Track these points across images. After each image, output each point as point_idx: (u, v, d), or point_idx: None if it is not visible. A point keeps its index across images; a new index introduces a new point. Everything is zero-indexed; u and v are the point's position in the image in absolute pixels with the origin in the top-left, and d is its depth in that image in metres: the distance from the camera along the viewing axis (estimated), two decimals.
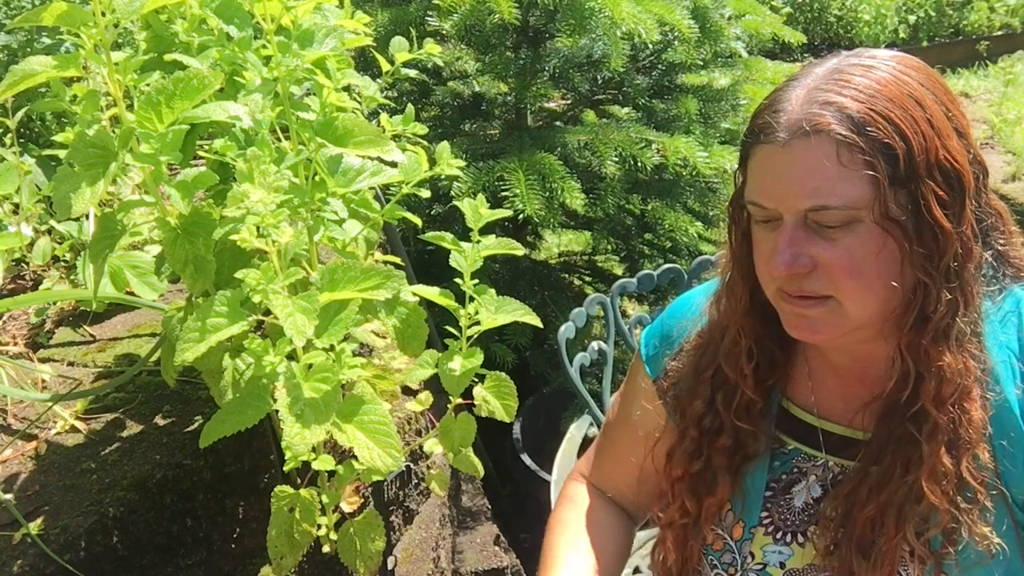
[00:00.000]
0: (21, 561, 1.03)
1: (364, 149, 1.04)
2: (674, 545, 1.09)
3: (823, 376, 1.03)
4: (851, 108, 0.85)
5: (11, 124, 1.63)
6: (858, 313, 0.90)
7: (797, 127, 0.86)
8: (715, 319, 1.06)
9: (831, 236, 0.87)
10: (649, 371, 1.16)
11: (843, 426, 1.01)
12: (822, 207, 0.85)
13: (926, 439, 0.90)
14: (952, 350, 0.89)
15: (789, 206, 0.87)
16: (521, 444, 2.56)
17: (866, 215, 0.85)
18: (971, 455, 0.89)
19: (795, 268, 0.88)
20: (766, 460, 1.05)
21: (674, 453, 1.08)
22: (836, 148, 0.84)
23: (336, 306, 0.99)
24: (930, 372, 0.89)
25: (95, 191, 0.96)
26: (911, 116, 0.85)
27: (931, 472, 0.89)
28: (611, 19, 2.25)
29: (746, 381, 1.02)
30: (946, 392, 0.89)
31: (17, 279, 1.64)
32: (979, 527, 0.89)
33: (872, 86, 0.86)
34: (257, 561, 1.27)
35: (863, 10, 7.39)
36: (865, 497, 0.93)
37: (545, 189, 2.22)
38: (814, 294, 0.89)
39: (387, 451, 0.99)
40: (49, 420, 1.28)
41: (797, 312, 0.92)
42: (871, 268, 0.87)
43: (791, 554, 1.01)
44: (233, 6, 1.07)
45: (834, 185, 0.84)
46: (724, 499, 1.05)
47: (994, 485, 0.90)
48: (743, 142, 0.94)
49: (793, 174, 0.86)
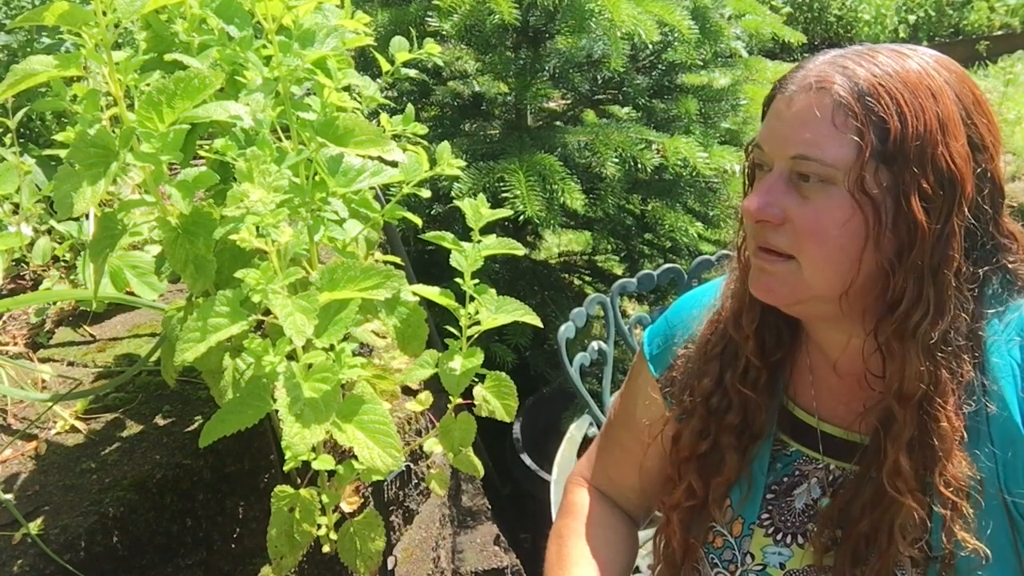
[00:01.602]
0: (21, 561, 1.03)
1: (364, 149, 1.04)
2: (679, 528, 1.08)
3: (824, 375, 1.03)
4: (861, 77, 0.88)
5: (11, 124, 1.63)
6: (815, 280, 0.91)
7: (807, 82, 0.90)
8: (729, 294, 1.07)
9: (806, 193, 0.89)
10: (653, 369, 1.16)
11: (843, 429, 1.01)
12: (803, 156, 0.88)
13: (890, 438, 0.91)
14: (920, 354, 0.88)
15: (780, 152, 0.91)
16: (521, 444, 2.56)
17: (842, 178, 0.87)
18: (943, 463, 0.89)
19: (765, 214, 0.91)
20: (768, 446, 1.05)
21: (680, 435, 1.08)
22: (833, 107, 0.87)
23: (336, 306, 0.99)
24: (894, 366, 0.90)
25: (96, 191, 0.96)
26: (920, 104, 0.87)
27: (889, 473, 0.90)
28: (611, 19, 2.24)
29: (748, 344, 1.02)
30: (908, 390, 0.89)
31: (17, 279, 1.64)
32: (962, 534, 0.89)
33: (894, 68, 0.88)
34: (257, 561, 1.27)
35: (863, 10, 7.40)
36: (859, 512, 0.94)
37: (545, 189, 2.22)
38: (777, 249, 0.92)
39: (387, 451, 0.99)
40: (49, 420, 1.28)
41: (759, 265, 0.95)
42: (835, 236, 0.88)
43: (791, 555, 1.01)
44: (233, 6, 1.07)
45: (821, 140, 0.87)
46: (731, 479, 1.04)
47: (976, 491, 0.90)
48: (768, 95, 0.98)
49: (792, 122, 0.90)
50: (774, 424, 1.05)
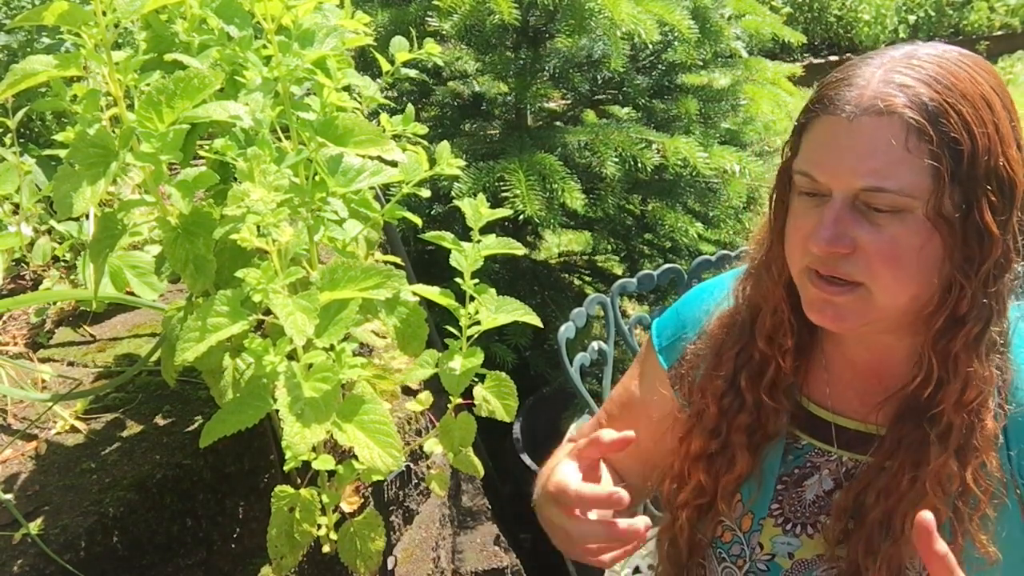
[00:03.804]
0: (21, 561, 1.03)
1: (364, 148, 1.04)
2: (687, 526, 1.07)
3: (840, 370, 1.03)
4: (926, 96, 0.83)
5: (11, 124, 1.62)
6: (886, 304, 0.88)
7: (869, 104, 0.84)
8: (745, 298, 1.05)
9: (877, 221, 0.85)
10: (663, 360, 1.15)
11: (857, 421, 1.01)
12: (877, 188, 0.84)
13: (938, 440, 0.89)
14: (981, 358, 0.88)
15: (843, 182, 0.86)
16: (521, 444, 2.56)
17: (919, 206, 0.83)
18: (979, 463, 0.89)
19: (836, 247, 0.86)
20: (781, 445, 1.04)
21: (690, 433, 1.07)
22: (906, 131, 0.83)
23: (336, 306, 0.99)
24: (956, 376, 0.88)
25: (95, 190, 0.96)
26: (981, 117, 0.84)
27: (936, 475, 0.89)
28: (611, 19, 2.24)
29: (786, 357, 1.00)
30: (968, 398, 0.88)
31: (17, 279, 1.64)
32: (979, 535, 0.89)
33: (948, 78, 0.85)
34: (257, 561, 1.27)
35: (863, 10, 7.40)
36: (874, 500, 0.93)
37: (545, 189, 2.22)
38: (846, 278, 0.88)
39: (387, 451, 0.99)
40: (49, 420, 1.28)
41: (824, 297, 0.90)
42: (911, 261, 0.85)
43: (800, 545, 1.01)
44: (233, 6, 1.07)
45: (895, 168, 0.83)
46: (742, 476, 1.03)
47: (999, 494, 0.90)
48: (805, 109, 0.92)
49: (855, 150, 0.85)
50: (786, 428, 1.04)
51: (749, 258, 1.06)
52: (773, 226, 0.99)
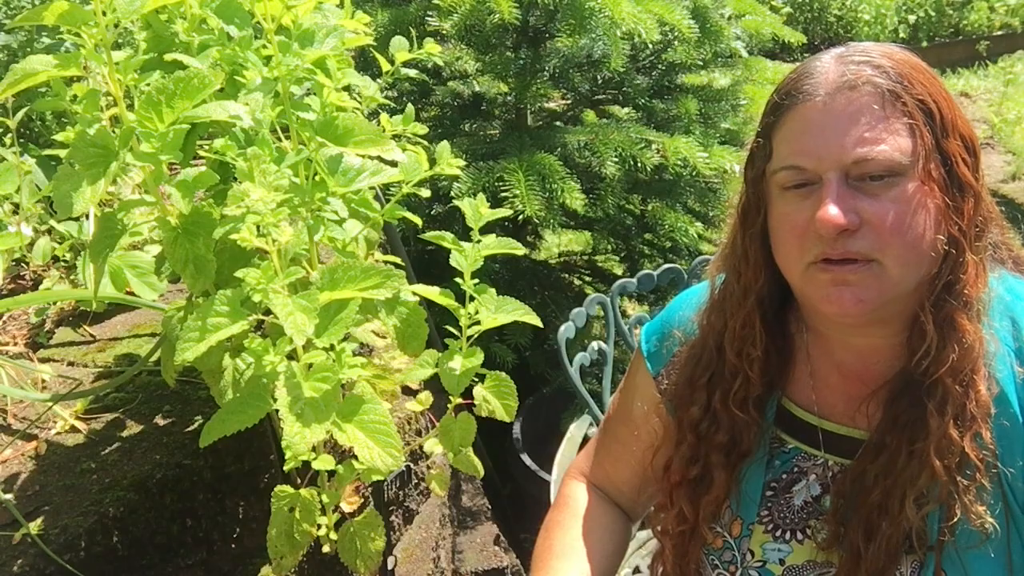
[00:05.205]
0: (21, 561, 1.03)
1: (364, 148, 1.04)
2: (672, 554, 1.09)
3: (825, 375, 1.03)
4: (887, 64, 0.88)
5: (11, 124, 1.63)
6: (902, 275, 0.89)
7: (837, 82, 0.88)
8: (709, 324, 1.06)
9: (874, 192, 0.87)
10: (650, 367, 1.16)
11: (843, 425, 1.01)
12: (866, 158, 0.86)
13: (936, 411, 0.90)
14: (972, 320, 0.90)
15: (833, 161, 0.87)
16: (521, 444, 2.56)
17: (907, 168, 0.86)
18: (974, 432, 0.89)
19: (844, 220, 0.86)
20: (762, 463, 1.05)
21: (672, 462, 1.09)
22: (881, 97, 0.87)
23: (336, 305, 0.99)
24: (951, 338, 0.89)
25: (95, 190, 0.96)
26: (931, 80, 0.90)
27: (938, 444, 0.89)
28: (611, 19, 2.24)
29: (753, 367, 1.01)
30: (964, 363, 0.89)
31: (17, 279, 1.64)
32: (975, 506, 0.89)
33: (896, 55, 0.90)
34: (257, 561, 1.27)
35: (863, 10, 7.40)
36: (871, 483, 0.93)
37: (545, 189, 2.22)
38: (859, 255, 0.88)
39: (387, 451, 0.99)
40: (49, 420, 1.28)
41: (839, 279, 0.89)
42: (915, 224, 0.87)
43: (791, 551, 1.01)
44: (233, 6, 1.07)
45: (878, 133, 0.86)
46: (721, 497, 1.04)
47: (992, 465, 0.90)
48: (771, 110, 0.94)
49: (837, 126, 0.87)
50: (763, 444, 1.05)
51: (709, 292, 1.07)
52: (743, 242, 0.99)
